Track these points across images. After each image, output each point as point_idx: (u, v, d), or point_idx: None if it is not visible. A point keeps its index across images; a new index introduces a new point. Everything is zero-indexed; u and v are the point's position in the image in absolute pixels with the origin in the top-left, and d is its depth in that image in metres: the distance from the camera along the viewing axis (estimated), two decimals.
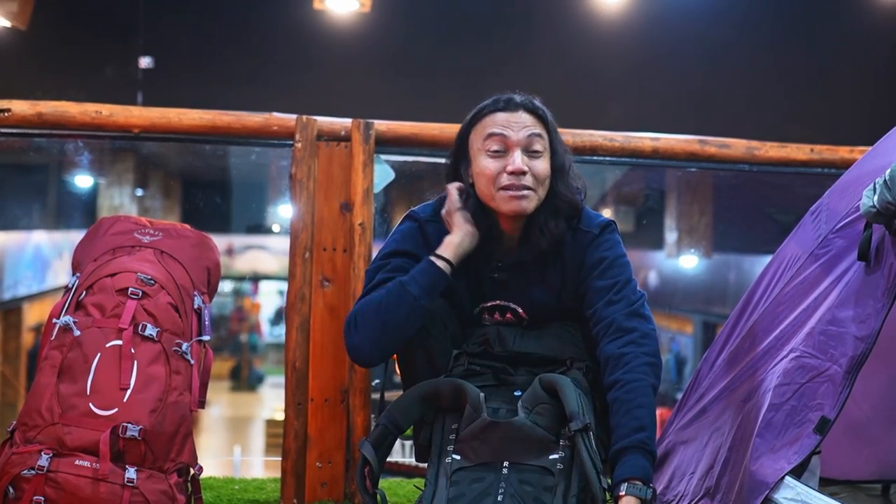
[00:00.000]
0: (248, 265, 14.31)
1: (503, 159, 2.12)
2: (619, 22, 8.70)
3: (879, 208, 1.88)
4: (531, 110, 2.14)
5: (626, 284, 2.14)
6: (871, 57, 9.01)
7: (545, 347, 2.19)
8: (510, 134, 2.12)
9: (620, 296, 2.13)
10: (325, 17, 8.31)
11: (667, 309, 12.52)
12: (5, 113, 2.74)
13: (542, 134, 2.14)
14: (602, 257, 2.16)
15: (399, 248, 2.21)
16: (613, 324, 2.10)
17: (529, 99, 2.16)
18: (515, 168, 2.10)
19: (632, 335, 2.09)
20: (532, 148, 2.12)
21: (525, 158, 2.11)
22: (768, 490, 1.86)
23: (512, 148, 2.11)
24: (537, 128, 2.14)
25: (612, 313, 2.11)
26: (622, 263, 2.17)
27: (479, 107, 2.17)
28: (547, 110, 2.17)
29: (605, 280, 2.14)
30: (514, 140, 2.11)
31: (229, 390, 15.58)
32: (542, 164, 2.13)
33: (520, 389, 2.14)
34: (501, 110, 2.14)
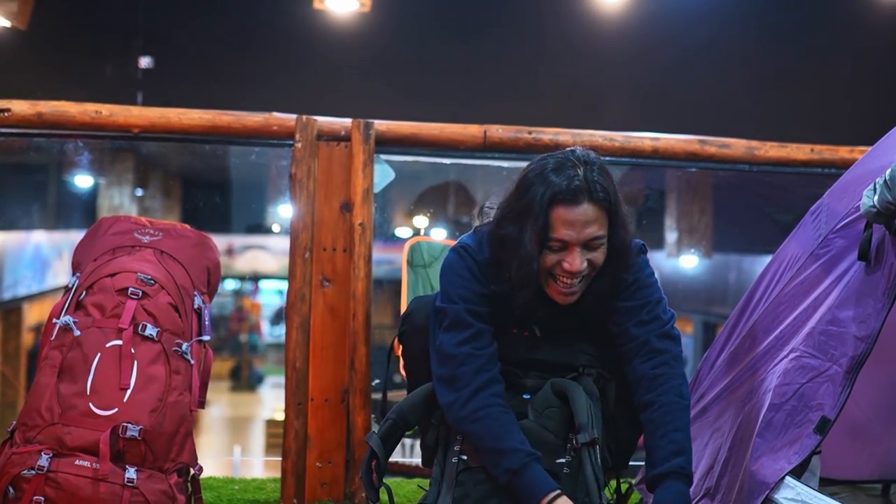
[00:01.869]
0: (248, 265, 14.30)
1: (561, 254, 2.04)
2: (619, 22, 8.69)
3: (880, 208, 1.88)
4: (596, 199, 2.01)
5: (658, 304, 2.13)
6: (871, 57, 9.01)
7: (556, 354, 2.19)
8: (571, 236, 2.01)
9: (652, 315, 2.11)
10: (325, 17, 8.31)
11: None
12: (5, 113, 2.74)
13: (604, 224, 2.03)
14: (632, 280, 2.13)
15: (485, 291, 2.10)
16: (647, 344, 2.09)
17: (593, 182, 2.02)
18: (573, 269, 2.03)
19: (664, 356, 2.08)
20: (592, 245, 2.04)
21: (584, 255, 2.03)
22: (768, 490, 1.86)
23: (572, 247, 2.03)
24: (599, 221, 2.02)
25: (644, 333, 2.10)
26: (650, 283, 2.15)
27: (553, 188, 2.00)
28: (611, 190, 2.04)
29: (634, 301, 2.12)
30: (576, 240, 2.02)
31: (229, 390, 15.58)
32: (599, 254, 2.05)
33: (529, 393, 2.14)
34: (567, 203, 2.01)
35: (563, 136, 2.99)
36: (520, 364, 2.18)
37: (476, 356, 2.07)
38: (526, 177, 2.06)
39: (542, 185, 2.02)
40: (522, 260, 2.05)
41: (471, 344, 2.07)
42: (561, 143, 2.97)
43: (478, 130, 2.94)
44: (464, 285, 2.11)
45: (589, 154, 2.08)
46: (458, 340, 2.07)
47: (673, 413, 2.03)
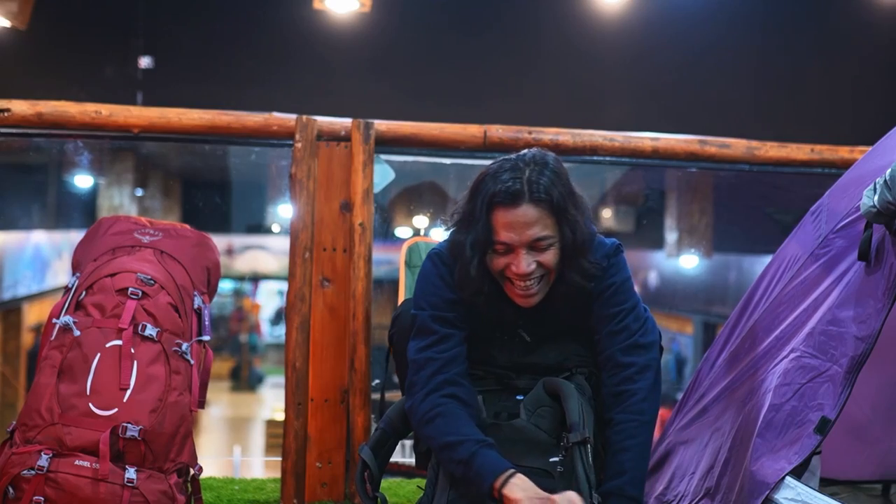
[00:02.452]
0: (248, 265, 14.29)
1: (509, 256, 2.03)
2: (619, 22, 8.69)
3: (880, 208, 1.88)
4: (536, 200, 2.00)
5: (630, 312, 2.12)
6: (872, 57, 9.01)
7: (548, 357, 2.19)
8: (513, 238, 2.01)
9: (622, 326, 2.10)
10: (325, 17, 8.30)
11: (667, 309, 12.51)
12: (5, 113, 2.74)
13: (549, 224, 2.02)
14: (607, 285, 2.12)
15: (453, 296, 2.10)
16: (612, 359, 2.09)
17: (534, 182, 2.01)
18: (519, 272, 2.02)
19: (628, 371, 2.08)
20: (537, 245, 2.02)
21: (531, 256, 2.02)
22: (769, 490, 1.86)
23: (516, 249, 2.02)
24: (542, 221, 2.01)
25: (610, 346, 2.10)
26: (626, 289, 2.14)
27: (491, 191, 2.01)
28: (556, 187, 2.02)
29: (609, 308, 2.12)
30: (518, 242, 2.02)
31: (229, 390, 15.57)
32: (549, 255, 2.03)
33: (522, 394, 2.14)
34: (505, 206, 2.00)
35: (563, 136, 2.99)
36: (513, 367, 2.18)
37: (434, 360, 2.07)
38: (475, 180, 2.07)
39: (484, 188, 2.03)
40: (463, 265, 2.06)
41: (432, 349, 2.08)
42: (561, 143, 2.97)
43: (478, 130, 2.94)
44: (432, 292, 2.12)
45: (542, 155, 2.07)
46: (420, 346, 2.09)
47: (625, 432, 2.03)
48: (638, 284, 12.20)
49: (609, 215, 10.99)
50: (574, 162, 3.21)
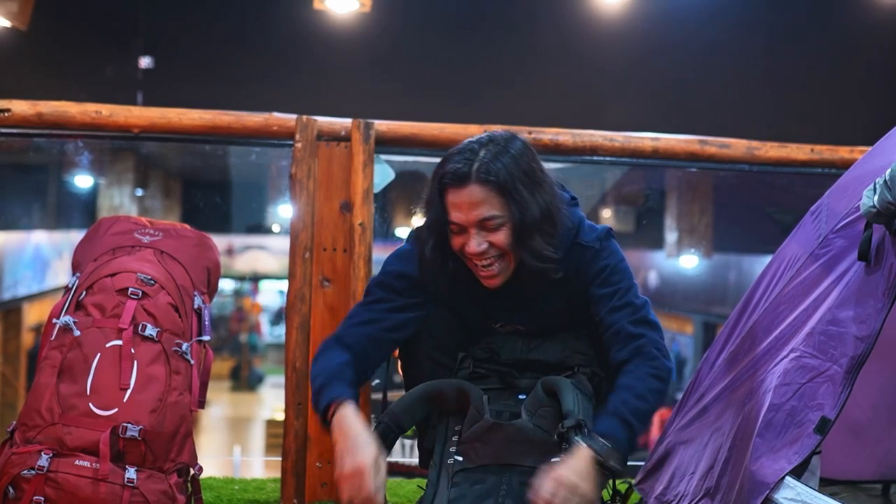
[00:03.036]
0: (248, 265, 14.31)
1: (463, 236, 2.07)
2: (619, 22, 8.69)
3: (880, 208, 1.88)
4: (482, 181, 2.02)
5: (628, 290, 2.13)
6: (872, 57, 9.01)
7: (551, 355, 2.19)
8: (461, 218, 2.05)
9: (624, 301, 2.12)
10: (325, 17, 8.31)
11: (667, 309, 12.52)
12: (5, 113, 2.74)
13: (496, 204, 2.03)
14: (603, 266, 2.14)
15: (405, 269, 2.19)
16: (621, 332, 2.10)
17: (483, 163, 2.03)
18: (471, 251, 2.06)
19: (639, 341, 2.09)
20: (486, 225, 2.04)
21: (482, 236, 2.05)
22: (768, 490, 1.86)
23: (467, 229, 2.05)
24: (489, 201, 2.03)
25: (617, 320, 2.10)
26: (622, 269, 2.16)
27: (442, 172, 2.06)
28: (504, 168, 2.03)
29: (606, 287, 2.13)
30: (466, 222, 2.05)
31: (229, 390, 15.58)
32: (500, 235, 2.05)
33: (524, 393, 2.15)
34: (453, 186, 2.04)
35: (563, 136, 2.99)
36: (515, 365, 2.19)
37: (356, 315, 2.18)
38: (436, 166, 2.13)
39: (438, 170, 2.08)
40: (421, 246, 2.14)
41: (363, 306, 2.19)
42: (561, 143, 2.97)
43: (478, 130, 2.94)
44: (391, 261, 2.22)
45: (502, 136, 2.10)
46: (357, 305, 2.22)
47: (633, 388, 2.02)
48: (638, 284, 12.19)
49: (609, 215, 11.00)
50: (574, 162, 3.21)
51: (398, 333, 2.19)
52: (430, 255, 2.11)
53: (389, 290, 2.19)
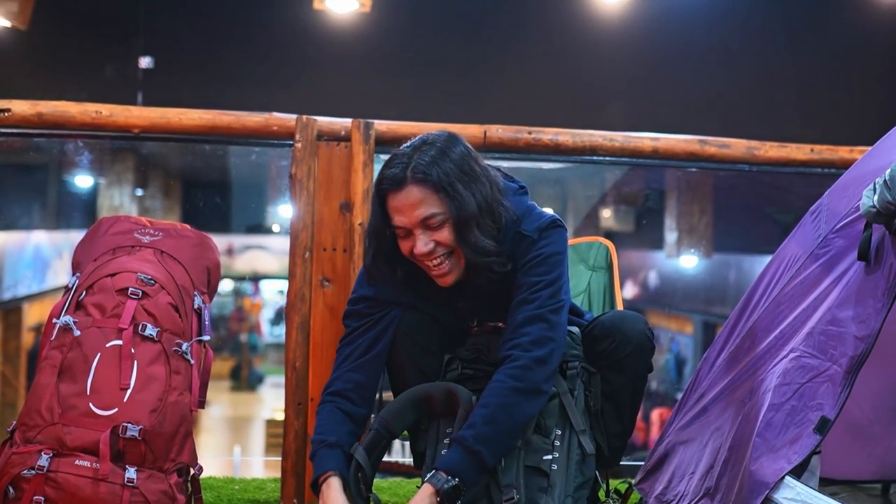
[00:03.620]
0: (248, 265, 14.30)
1: (410, 239, 2.09)
2: (619, 22, 8.69)
3: (879, 208, 1.88)
4: (418, 181, 2.05)
5: (549, 286, 2.10)
6: (871, 57, 9.01)
7: None
8: (404, 220, 2.07)
9: (535, 296, 2.10)
10: (325, 17, 8.31)
11: (667, 309, 12.52)
12: (5, 113, 2.74)
13: (434, 202, 2.06)
14: (535, 255, 2.13)
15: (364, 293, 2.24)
16: (512, 324, 2.09)
17: (417, 164, 2.06)
18: (418, 252, 2.08)
19: (521, 339, 2.07)
20: (429, 224, 2.07)
21: (427, 236, 2.07)
22: (768, 490, 1.86)
23: (412, 231, 2.08)
24: (427, 200, 2.06)
25: (516, 313, 2.10)
26: (553, 262, 2.12)
27: (378, 178, 2.11)
28: (436, 166, 2.05)
29: (529, 276, 2.12)
30: (409, 224, 2.07)
31: (229, 390, 15.58)
32: (444, 233, 2.07)
33: None
34: (391, 191, 2.07)
35: (563, 136, 2.99)
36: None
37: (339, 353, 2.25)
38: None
39: (377, 178, 2.12)
40: (364, 256, 2.20)
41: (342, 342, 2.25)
42: (561, 143, 2.97)
43: (478, 130, 2.94)
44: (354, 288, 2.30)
45: (435, 136, 2.12)
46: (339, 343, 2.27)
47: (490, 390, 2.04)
48: (638, 284, 12.21)
49: (609, 215, 10.99)
50: (574, 162, 3.21)
51: (379, 344, 2.22)
52: (371, 263, 2.16)
53: (357, 316, 2.24)
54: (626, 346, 2.18)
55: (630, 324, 2.20)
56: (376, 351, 2.21)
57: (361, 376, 2.20)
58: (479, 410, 2.02)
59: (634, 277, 12.04)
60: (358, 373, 2.20)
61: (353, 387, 2.19)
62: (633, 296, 11.82)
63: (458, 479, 1.96)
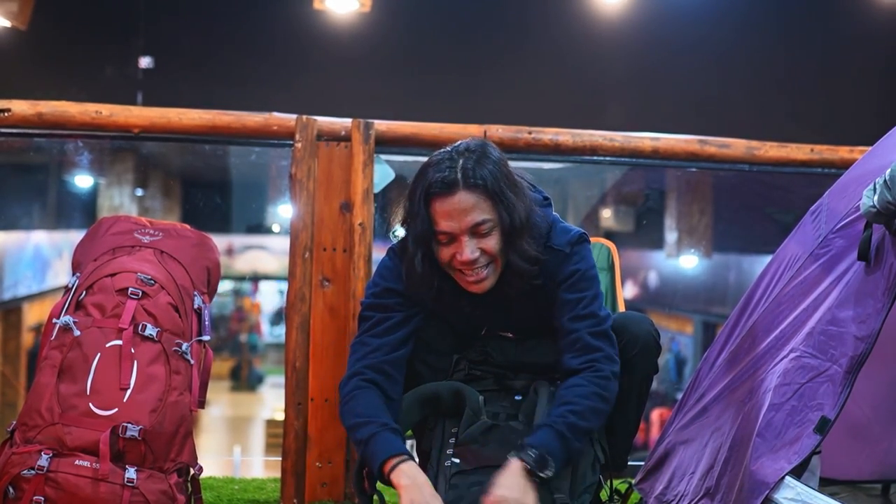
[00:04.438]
0: (248, 265, 14.29)
1: (453, 246, 2.06)
2: (619, 23, 8.69)
3: (879, 208, 1.88)
4: (471, 186, 2.03)
5: (595, 300, 2.13)
6: (871, 57, 9.01)
7: (544, 356, 2.19)
8: (453, 227, 2.04)
9: (588, 311, 2.11)
10: (325, 17, 8.31)
11: (667, 309, 12.52)
12: (5, 113, 2.74)
13: (486, 209, 2.05)
14: (572, 271, 2.13)
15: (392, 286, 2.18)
16: (580, 341, 2.10)
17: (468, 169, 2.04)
18: (464, 259, 2.05)
19: (596, 354, 2.09)
20: (478, 231, 2.05)
21: (473, 243, 2.05)
22: (768, 490, 1.86)
23: (458, 237, 2.05)
24: (479, 206, 2.04)
25: (578, 329, 2.10)
26: (591, 276, 2.15)
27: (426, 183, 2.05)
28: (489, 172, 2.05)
29: (573, 293, 2.12)
30: (459, 230, 2.04)
31: (229, 390, 15.58)
32: (491, 241, 2.06)
33: (520, 394, 2.15)
34: (441, 195, 2.04)
35: (563, 136, 2.99)
36: (510, 367, 2.19)
37: (364, 345, 2.15)
38: (414, 177, 2.11)
39: (419, 182, 2.07)
40: (408, 261, 2.10)
41: (365, 335, 2.16)
42: (561, 143, 2.97)
43: (478, 130, 2.94)
44: (376, 281, 2.20)
45: (477, 143, 2.10)
46: (357, 334, 2.19)
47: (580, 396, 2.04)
48: (638, 284, 12.21)
49: (609, 215, 10.99)
50: (574, 162, 3.21)
51: (407, 346, 2.18)
52: (420, 269, 2.09)
53: (383, 309, 2.17)
54: (633, 346, 2.19)
55: (637, 324, 2.21)
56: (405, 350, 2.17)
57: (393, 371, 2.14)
58: (567, 407, 2.02)
59: (634, 277, 12.04)
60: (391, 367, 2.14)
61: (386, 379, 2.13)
62: (634, 296, 11.82)
63: (549, 457, 1.96)
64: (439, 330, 2.21)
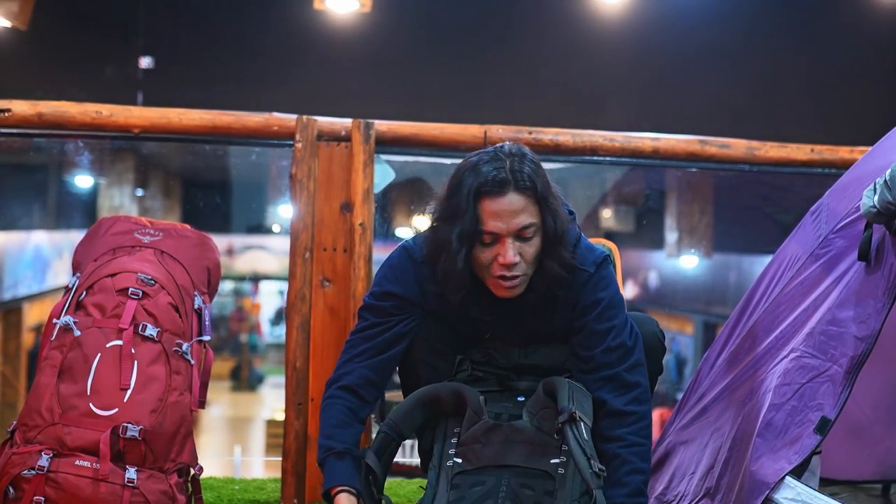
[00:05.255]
0: (248, 265, 14.30)
1: (494, 248, 2.04)
2: (619, 22, 8.69)
3: (880, 208, 1.88)
4: (522, 188, 2.02)
5: (624, 328, 2.12)
6: (872, 57, 9.00)
7: (548, 359, 2.19)
8: (500, 227, 2.02)
9: (619, 342, 2.11)
10: (325, 17, 8.30)
11: (667, 309, 12.52)
12: (5, 113, 2.74)
13: (534, 213, 2.04)
14: (599, 299, 2.12)
15: (393, 289, 2.18)
16: (618, 378, 2.09)
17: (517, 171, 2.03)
18: (507, 261, 2.03)
19: (635, 391, 2.09)
20: (523, 234, 2.04)
21: (516, 246, 2.04)
22: (769, 490, 1.86)
23: (503, 238, 2.04)
24: (528, 209, 2.03)
25: (613, 363, 2.10)
26: (617, 303, 2.14)
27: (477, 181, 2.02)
28: (538, 176, 2.04)
29: (602, 323, 2.11)
30: (506, 231, 2.03)
31: (229, 390, 15.58)
32: (532, 246, 2.05)
33: (523, 395, 2.14)
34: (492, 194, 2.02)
35: (563, 136, 2.99)
36: (514, 369, 2.19)
37: (352, 346, 2.19)
38: (455, 175, 2.08)
39: (468, 179, 2.04)
40: (449, 257, 2.06)
41: (357, 334, 2.19)
42: (561, 143, 2.97)
43: (478, 130, 2.94)
44: (378, 281, 2.20)
45: (518, 147, 2.09)
46: (351, 331, 2.21)
47: (638, 455, 2.05)
48: (638, 284, 12.21)
49: (609, 215, 10.99)
50: (574, 162, 3.21)
51: (397, 346, 2.19)
52: (461, 267, 2.05)
53: (379, 312, 2.18)
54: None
55: (642, 326, 2.21)
56: (394, 352, 2.18)
57: (375, 375, 2.18)
58: (638, 477, 2.04)
59: (635, 278, 12.04)
60: (372, 371, 2.17)
61: (365, 383, 2.17)
62: (634, 296, 11.83)
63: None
64: (442, 331, 2.20)
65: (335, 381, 2.18)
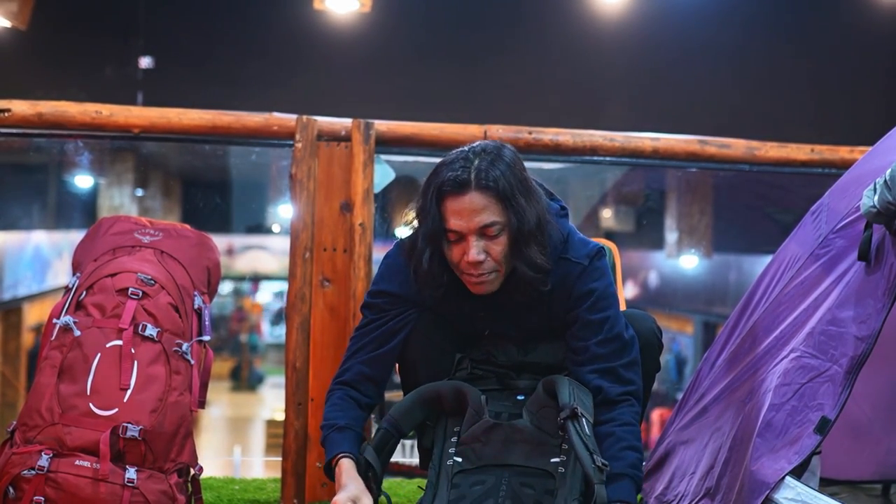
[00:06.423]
0: (248, 265, 14.30)
1: (461, 245, 2.06)
2: (619, 22, 8.69)
3: (880, 208, 1.88)
4: (482, 188, 2.03)
5: (617, 320, 2.14)
6: (872, 57, 9.01)
7: (548, 357, 2.19)
8: (462, 225, 2.04)
9: (614, 334, 2.12)
10: (325, 17, 8.30)
11: (667, 309, 12.52)
12: (5, 113, 2.74)
13: (496, 211, 2.04)
14: (591, 289, 2.13)
15: (387, 288, 2.21)
16: (614, 371, 2.11)
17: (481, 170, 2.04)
18: (471, 259, 2.05)
19: (630, 387, 2.12)
20: (487, 232, 2.05)
21: (481, 244, 2.05)
22: (769, 490, 1.86)
23: (467, 236, 2.05)
24: (490, 208, 2.04)
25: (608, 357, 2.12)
26: (610, 294, 2.16)
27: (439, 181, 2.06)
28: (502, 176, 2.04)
29: (595, 314, 2.12)
30: (467, 229, 2.04)
31: (229, 390, 15.58)
32: (499, 244, 2.05)
33: (523, 394, 2.15)
34: (453, 194, 2.04)
35: (563, 136, 2.99)
36: (514, 367, 2.19)
37: (353, 342, 2.24)
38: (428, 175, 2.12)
39: (434, 180, 2.08)
40: (417, 257, 2.12)
41: (358, 331, 2.24)
42: (561, 143, 2.97)
43: (478, 130, 2.94)
44: (375, 279, 2.26)
45: (494, 145, 2.11)
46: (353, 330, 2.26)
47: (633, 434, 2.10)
48: (638, 284, 12.21)
49: (609, 215, 10.99)
50: (574, 162, 3.21)
51: (393, 341, 2.21)
52: (427, 266, 2.10)
53: (375, 309, 2.22)
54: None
55: (639, 322, 2.22)
56: (389, 347, 2.21)
57: (371, 370, 2.21)
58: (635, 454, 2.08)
59: (635, 278, 12.04)
60: (369, 366, 2.21)
61: (362, 379, 2.21)
62: (634, 296, 11.82)
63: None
64: (442, 329, 2.21)
65: (337, 378, 2.23)
